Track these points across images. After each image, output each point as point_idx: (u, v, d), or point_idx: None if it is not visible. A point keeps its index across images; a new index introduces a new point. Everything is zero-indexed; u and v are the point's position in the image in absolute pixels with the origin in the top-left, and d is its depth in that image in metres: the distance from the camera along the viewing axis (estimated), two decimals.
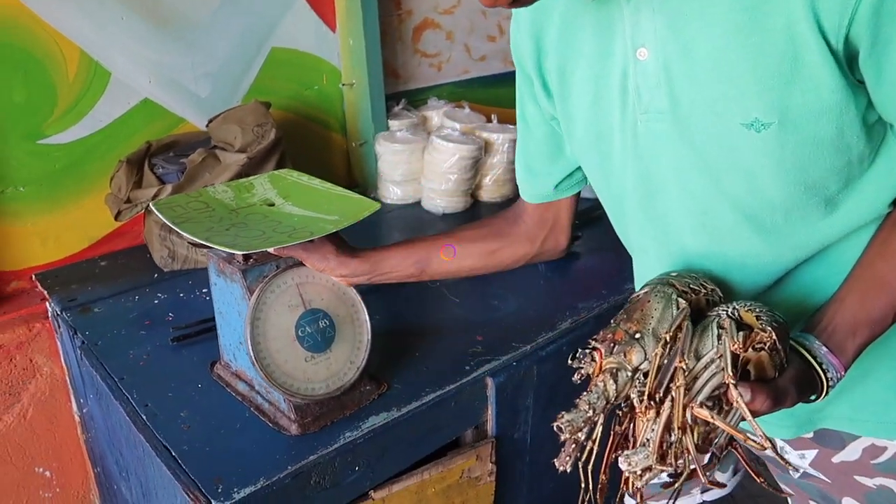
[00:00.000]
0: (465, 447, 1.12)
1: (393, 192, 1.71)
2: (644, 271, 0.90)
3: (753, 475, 0.70)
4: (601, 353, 0.65)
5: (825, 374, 0.68)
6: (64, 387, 1.35)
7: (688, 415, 0.61)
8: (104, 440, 1.22)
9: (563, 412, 0.62)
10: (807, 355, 0.68)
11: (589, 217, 1.60)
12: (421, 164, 1.68)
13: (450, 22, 1.92)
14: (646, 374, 0.63)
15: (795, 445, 0.88)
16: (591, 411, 0.62)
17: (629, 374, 0.63)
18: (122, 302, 1.27)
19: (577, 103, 0.82)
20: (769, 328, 0.64)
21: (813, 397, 0.69)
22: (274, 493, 0.86)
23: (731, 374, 0.61)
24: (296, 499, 0.89)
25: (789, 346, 0.68)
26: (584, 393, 0.63)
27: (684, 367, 0.62)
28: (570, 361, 0.65)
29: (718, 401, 0.63)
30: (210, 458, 0.90)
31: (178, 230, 0.91)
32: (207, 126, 1.44)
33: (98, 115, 1.39)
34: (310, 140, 1.73)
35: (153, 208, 0.97)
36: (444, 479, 1.08)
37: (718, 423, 0.61)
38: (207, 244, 0.87)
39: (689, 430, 0.61)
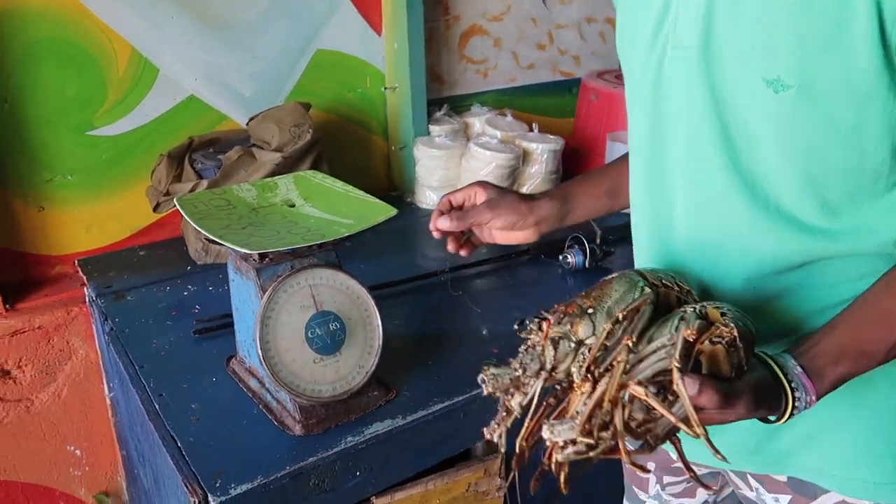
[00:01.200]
0: (474, 460, 1.10)
1: (429, 197, 1.71)
2: (637, 236, 0.88)
3: (688, 472, 0.63)
4: (549, 323, 0.62)
5: (793, 392, 0.62)
6: (97, 370, 1.41)
7: (624, 393, 0.58)
8: (126, 425, 1.26)
9: (491, 365, 0.60)
10: (775, 367, 0.63)
11: (624, 233, 1.56)
12: (459, 171, 1.67)
13: (498, 29, 1.91)
14: (590, 349, 0.60)
15: (770, 488, 0.83)
16: (520, 371, 0.60)
17: (572, 344, 0.61)
18: (153, 291, 1.31)
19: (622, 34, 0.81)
20: (732, 325, 0.60)
21: (773, 417, 0.64)
22: (271, 491, 0.87)
23: (678, 357, 0.57)
24: (293, 499, 0.90)
25: (759, 360, 0.64)
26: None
27: (630, 344, 0.58)
28: (516, 327, 0.63)
29: (664, 388, 0.59)
30: (213, 451, 0.91)
31: (195, 226, 0.94)
32: (247, 124, 1.47)
33: (145, 110, 1.44)
34: (351, 142, 1.74)
35: (176, 203, 1.00)
36: (449, 491, 1.07)
37: (653, 403, 0.56)
38: (220, 242, 0.89)
39: (620, 406, 0.57)
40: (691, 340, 0.59)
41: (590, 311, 0.62)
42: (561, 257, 1.42)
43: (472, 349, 1.15)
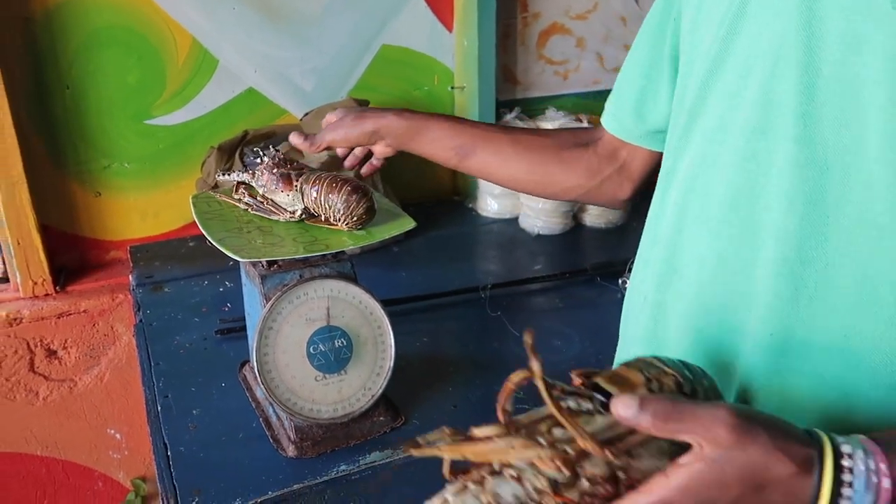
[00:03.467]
0: None
1: (490, 205, 1.62)
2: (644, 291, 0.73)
3: None
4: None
5: (835, 448, 0.42)
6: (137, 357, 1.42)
7: None
8: None
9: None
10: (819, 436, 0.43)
11: None
12: None
13: (582, 28, 1.78)
14: None
15: None
16: None
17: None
18: (191, 285, 1.30)
19: None
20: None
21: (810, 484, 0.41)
22: None
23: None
24: None
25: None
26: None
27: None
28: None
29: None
30: (201, 465, 0.87)
31: (199, 226, 0.89)
32: (301, 119, 1.43)
33: (203, 101, 1.43)
34: None
35: (190, 200, 0.96)
36: None
37: None
38: (216, 245, 0.84)
39: None
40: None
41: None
42: (620, 281, 1.29)
43: (499, 378, 1.03)
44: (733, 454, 0.42)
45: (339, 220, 0.89)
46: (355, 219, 0.88)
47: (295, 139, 0.93)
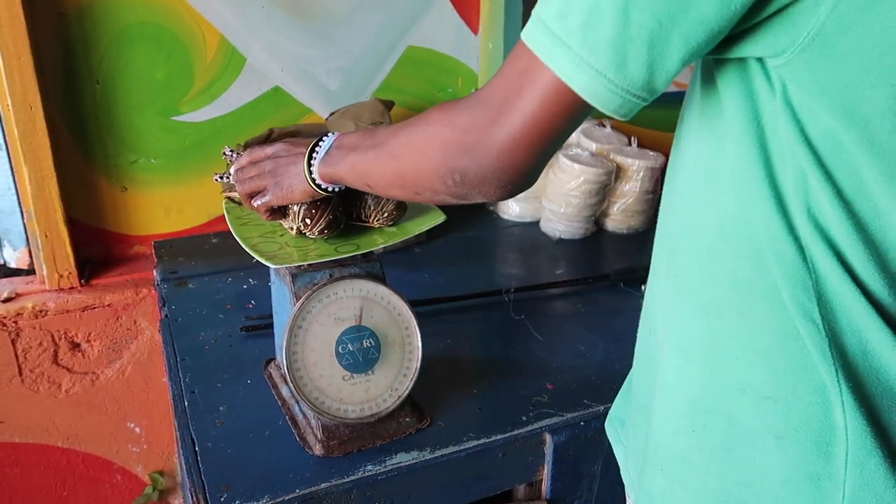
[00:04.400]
0: (513, 503, 1.01)
1: (511, 209, 1.62)
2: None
3: None
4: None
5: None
6: (160, 352, 1.42)
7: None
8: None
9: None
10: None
11: None
12: (545, 182, 1.56)
13: None
14: None
15: None
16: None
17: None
18: (215, 281, 1.31)
19: None
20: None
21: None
22: None
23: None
24: None
25: None
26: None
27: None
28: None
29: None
30: (228, 461, 0.87)
31: (233, 232, 0.90)
32: (327, 119, 1.43)
33: (230, 98, 1.44)
34: None
35: (224, 203, 0.97)
36: None
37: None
38: (251, 252, 0.84)
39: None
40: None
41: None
42: (643, 287, 1.29)
43: (524, 382, 1.05)
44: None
45: (371, 215, 0.89)
46: (386, 214, 0.88)
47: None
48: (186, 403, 0.97)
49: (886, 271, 0.50)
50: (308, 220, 0.85)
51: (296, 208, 0.85)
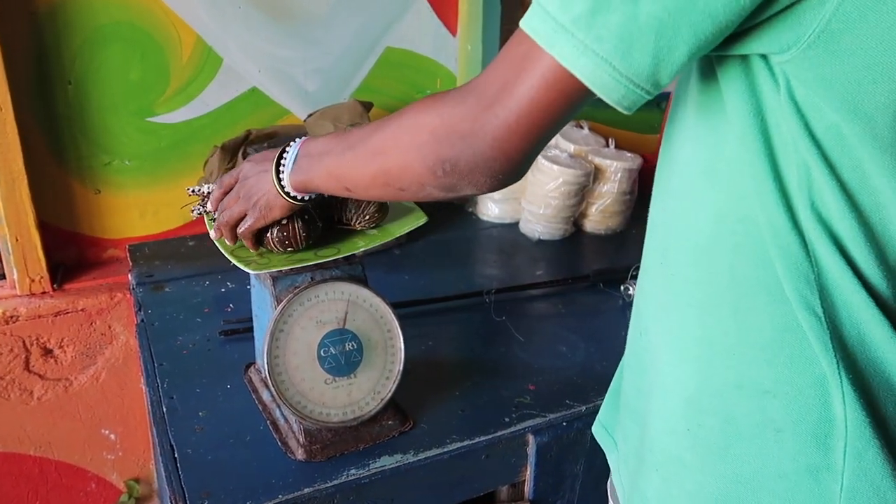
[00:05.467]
0: None
1: (490, 210, 1.62)
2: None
3: None
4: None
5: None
6: (136, 357, 1.40)
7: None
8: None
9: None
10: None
11: None
12: (524, 184, 1.57)
13: None
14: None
15: None
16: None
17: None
18: (192, 285, 1.29)
19: None
20: None
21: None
22: None
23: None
24: None
25: None
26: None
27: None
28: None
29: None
30: (209, 467, 0.86)
31: (210, 233, 0.89)
32: (305, 120, 1.42)
33: (206, 99, 1.42)
34: None
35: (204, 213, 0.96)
36: None
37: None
38: (229, 258, 0.83)
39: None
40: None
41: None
42: (622, 287, 1.30)
43: (506, 383, 1.05)
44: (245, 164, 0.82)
45: (352, 219, 0.88)
46: (368, 217, 0.88)
47: None
48: (165, 409, 0.96)
49: (885, 264, 0.51)
50: (286, 240, 0.83)
51: (268, 234, 0.83)
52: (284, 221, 0.81)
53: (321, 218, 0.86)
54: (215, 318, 1.18)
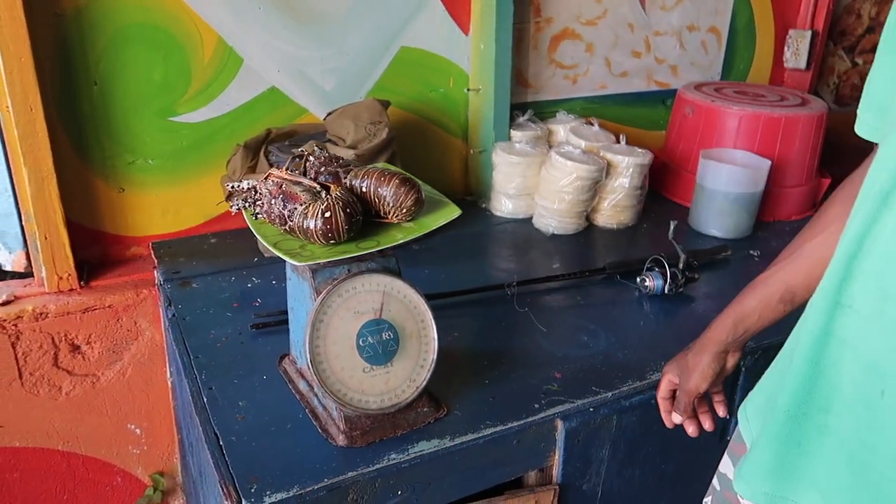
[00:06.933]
0: (524, 489, 1.04)
1: (504, 205, 1.65)
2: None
3: None
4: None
5: None
6: (161, 353, 1.42)
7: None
8: (182, 412, 1.27)
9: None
10: None
11: (711, 258, 1.45)
12: (537, 180, 1.60)
13: (592, 34, 1.82)
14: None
15: None
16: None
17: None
18: (219, 281, 1.31)
19: None
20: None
21: None
22: (306, 503, 0.84)
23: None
24: None
25: None
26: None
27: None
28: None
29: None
30: (254, 454, 0.89)
31: (254, 232, 0.91)
32: (325, 119, 1.45)
33: (226, 99, 1.45)
34: (429, 142, 1.70)
35: (240, 204, 0.98)
36: None
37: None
38: (273, 251, 0.86)
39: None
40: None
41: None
42: (638, 279, 1.33)
43: (533, 372, 1.08)
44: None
45: (389, 212, 0.91)
46: (405, 210, 0.91)
47: (677, 419, 0.96)
48: (205, 400, 0.99)
49: None
50: (329, 233, 0.85)
51: (312, 226, 0.85)
52: (328, 215, 0.84)
53: (361, 213, 0.89)
54: (244, 312, 1.21)
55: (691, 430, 0.96)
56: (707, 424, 0.96)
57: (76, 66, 1.30)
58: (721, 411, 0.97)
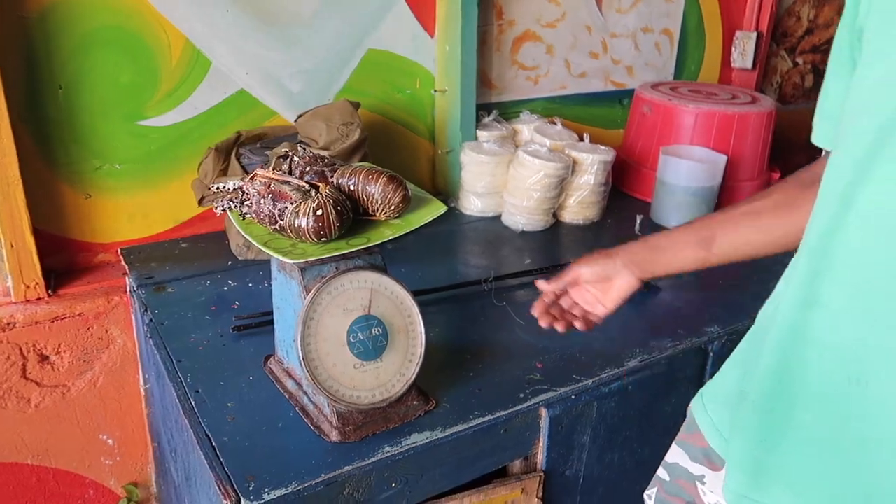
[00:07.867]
0: (511, 478, 1.07)
1: (473, 204, 1.68)
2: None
3: None
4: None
5: None
6: (134, 360, 1.40)
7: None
8: (160, 418, 1.25)
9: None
10: None
11: None
12: (505, 178, 1.64)
13: (552, 36, 1.87)
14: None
15: None
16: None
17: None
18: (194, 285, 1.30)
19: None
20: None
21: None
22: (304, 498, 0.84)
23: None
24: None
25: None
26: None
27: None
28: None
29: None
30: (248, 453, 0.89)
31: (243, 232, 0.92)
32: (296, 121, 1.45)
33: (195, 102, 1.43)
34: (397, 143, 1.72)
35: (225, 207, 0.98)
36: None
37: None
38: (265, 250, 0.87)
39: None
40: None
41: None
42: None
43: (515, 363, 1.11)
44: None
45: (378, 209, 0.93)
46: (393, 207, 0.92)
47: (542, 285, 1.02)
48: (193, 402, 0.98)
49: None
50: (321, 230, 0.87)
51: (304, 224, 0.86)
52: (320, 213, 0.85)
53: (350, 209, 0.91)
54: (223, 315, 1.20)
55: (544, 322, 0.99)
56: (560, 325, 0.98)
57: (42, 70, 1.27)
58: (580, 325, 0.99)
